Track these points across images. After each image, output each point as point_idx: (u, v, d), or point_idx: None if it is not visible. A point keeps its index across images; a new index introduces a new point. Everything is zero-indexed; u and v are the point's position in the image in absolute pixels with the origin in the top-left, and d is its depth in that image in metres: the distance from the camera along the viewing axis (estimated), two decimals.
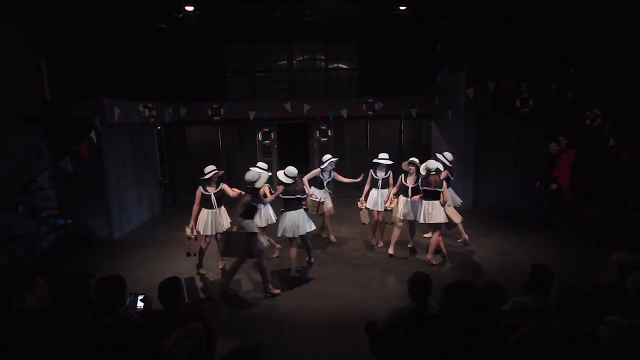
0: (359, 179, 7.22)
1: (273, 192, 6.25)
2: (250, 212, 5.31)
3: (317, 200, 6.70)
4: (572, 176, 7.79)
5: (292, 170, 5.76)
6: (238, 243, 5.19)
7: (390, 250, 6.73)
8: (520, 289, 3.36)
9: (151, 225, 9.23)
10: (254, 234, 5.24)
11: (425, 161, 6.28)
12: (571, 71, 9.42)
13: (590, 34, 9.06)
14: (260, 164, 6.30)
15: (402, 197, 6.53)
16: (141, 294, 3.50)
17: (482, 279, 5.72)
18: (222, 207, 6.15)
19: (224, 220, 6.13)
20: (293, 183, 5.74)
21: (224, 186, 6.11)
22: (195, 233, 5.87)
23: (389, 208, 6.62)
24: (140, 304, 3.44)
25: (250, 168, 5.85)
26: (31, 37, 7.17)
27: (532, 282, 3.07)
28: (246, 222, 5.23)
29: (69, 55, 7.52)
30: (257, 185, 5.36)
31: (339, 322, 4.71)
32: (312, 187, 7.00)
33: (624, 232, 7.23)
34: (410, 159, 6.63)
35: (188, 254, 5.83)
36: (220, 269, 6.34)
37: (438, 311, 2.88)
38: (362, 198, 7.00)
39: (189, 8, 9.29)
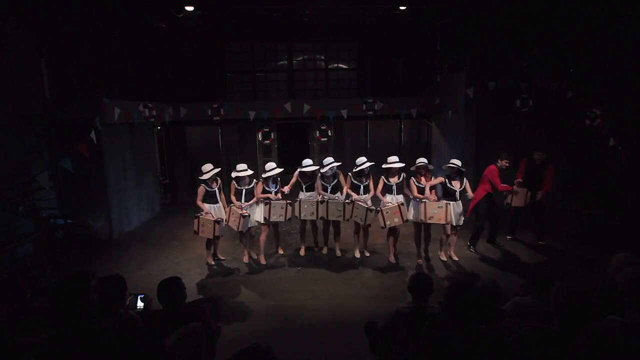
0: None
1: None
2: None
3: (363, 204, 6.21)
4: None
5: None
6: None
7: (455, 257, 6.49)
8: (520, 289, 3.36)
9: (151, 225, 9.23)
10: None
11: (451, 162, 6.22)
12: (571, 71, 9.42)
13: (590, 33, 9.06)
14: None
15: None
16: (141, 294, 3.50)
17: (482, 279, 5.72)
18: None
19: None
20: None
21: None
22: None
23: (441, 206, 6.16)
24: (140, 304, 3.44)
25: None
26: (31, 37, 7.17)
27: (532, 282, 3.07)
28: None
29: (69, 55, 7.52)
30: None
31: (339, 322, 4.71)
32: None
33: (624, 232, 7.24)
34: (451, 160, 6.23)
35: (217, 237, 6.19)
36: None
37: (438, 311, 2.89)
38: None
39: (189, 8, 9.29)
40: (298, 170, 6.55)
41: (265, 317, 4.95)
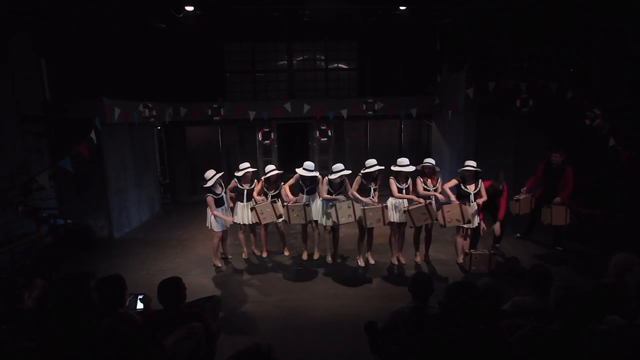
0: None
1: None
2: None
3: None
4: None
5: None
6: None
7: (460, 260, 6.27)
8: (520, 289, 3.37)
9: (151, 225, 9.23)
10: None
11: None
12: (571, 71, 9.41)
13: (590, 33, 9.06)
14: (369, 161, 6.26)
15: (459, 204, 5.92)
16: (141, 294, 3.50)
17: (482, 279, 5.70)
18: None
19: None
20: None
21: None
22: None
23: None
24: (140, 304, 3.44)
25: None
26: (31, 37, 7.17)
27: (532, 282, 3.07)
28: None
29: (69, 55, 7.52)
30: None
31: (339, 322, 4.71)
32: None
33: (624, 232, 7.23)
34: (467, 162, 5.99)
35: (280, 216, 6.32)
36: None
37: (438, 311, 2.89)
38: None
39: (189, 8, 9.29)
40: (299, 173, 6.34)
41: (265, 317, 4.94)
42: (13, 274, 5.69)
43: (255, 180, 6.62)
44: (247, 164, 6.45)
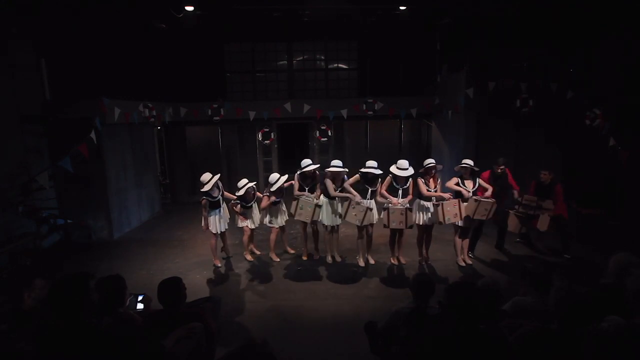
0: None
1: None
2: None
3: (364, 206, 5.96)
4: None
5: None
6: None
7: (461, 263, 6.34)
8: (520, 289, 3.37)
9: (151, 225, 9.23)
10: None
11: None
12: (571, 71, 9.41)
13: (590, 34, 9.06)
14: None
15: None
16: (141, 294, 3.50)
17: (482, 278, 5.69)
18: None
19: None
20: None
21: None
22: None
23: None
24: (140, 305, 3.43)
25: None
26: (31, 37, 7.17)
27: (532, 282, 3.07)
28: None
29: (69, 55, 7.53)
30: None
31: (339, 322, 4.71)
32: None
33: (624, 232, 7.22)
34: (464, 160, 6.04)
35: (315, 222, 6.40)
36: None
37: (438, 311, 2.88)
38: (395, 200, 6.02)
39: (189, 8, 9.29)
40: (298, 172, 6.36)
41: (265, 317, 4.95)
42: (13, 274, 5.69)
43: (260, 194, 6.52)
44: (245, 180, 6.33)
